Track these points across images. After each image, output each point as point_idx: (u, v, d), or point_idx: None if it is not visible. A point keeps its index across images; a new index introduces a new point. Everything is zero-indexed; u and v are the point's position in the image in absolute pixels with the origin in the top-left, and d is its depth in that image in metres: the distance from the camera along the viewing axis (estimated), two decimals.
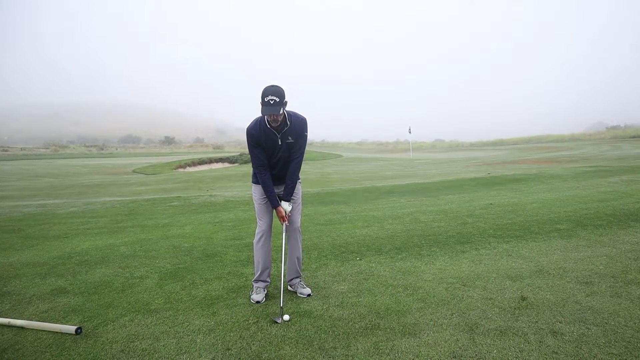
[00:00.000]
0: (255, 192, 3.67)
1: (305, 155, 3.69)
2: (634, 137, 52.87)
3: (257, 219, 3.67)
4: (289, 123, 3.43)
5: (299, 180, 3.70)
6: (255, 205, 3.67)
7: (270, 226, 3.65)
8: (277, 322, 3.04)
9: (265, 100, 3.22)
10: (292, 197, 3.61)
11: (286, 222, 3.55)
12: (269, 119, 3.33)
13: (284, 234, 3.60)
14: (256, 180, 3.65)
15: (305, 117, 3.54)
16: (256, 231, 3.66)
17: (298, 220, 3.68)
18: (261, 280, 3.59)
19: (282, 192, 3.60)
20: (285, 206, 3.55)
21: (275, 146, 3.45)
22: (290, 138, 3.46)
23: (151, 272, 4.43)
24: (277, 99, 3.22)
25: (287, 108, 3.39)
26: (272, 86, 3.26)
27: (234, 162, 39.82)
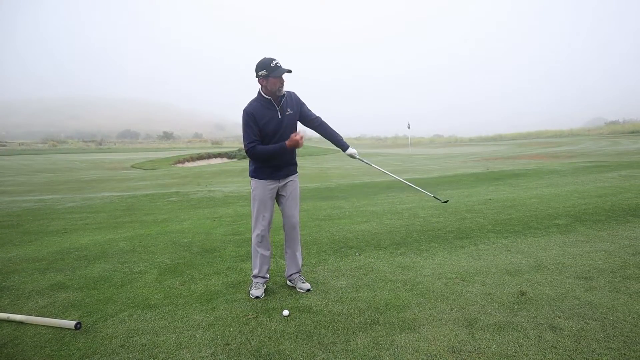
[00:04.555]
0: (257, 188, 3.50)
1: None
2: (633, 132, 52.94)
3: (257, 217, 3.52)
4: (284, 93, 3.43)
5: (296, 174, 3.67)
6: (256, 202, 3.50)
7: (270, 223, 3.58)
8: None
9: (272, 65, 3.24)
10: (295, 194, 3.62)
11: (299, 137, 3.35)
12: (278, 85, 3.30)
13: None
14: (256, 174, 3.50)
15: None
16: (255, 229, 3.54)
17: (296, 214, 3.63)
18: (260, 277, 3.57)
19: (280, 185, 3.56)
20: (352, 151, 3.66)
21: (275, 120, 3.37)
22: (289, 110, 3.44)
23: (150, 268, 4.43)
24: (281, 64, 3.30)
25: None
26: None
27: (232, 158, 39.82)
